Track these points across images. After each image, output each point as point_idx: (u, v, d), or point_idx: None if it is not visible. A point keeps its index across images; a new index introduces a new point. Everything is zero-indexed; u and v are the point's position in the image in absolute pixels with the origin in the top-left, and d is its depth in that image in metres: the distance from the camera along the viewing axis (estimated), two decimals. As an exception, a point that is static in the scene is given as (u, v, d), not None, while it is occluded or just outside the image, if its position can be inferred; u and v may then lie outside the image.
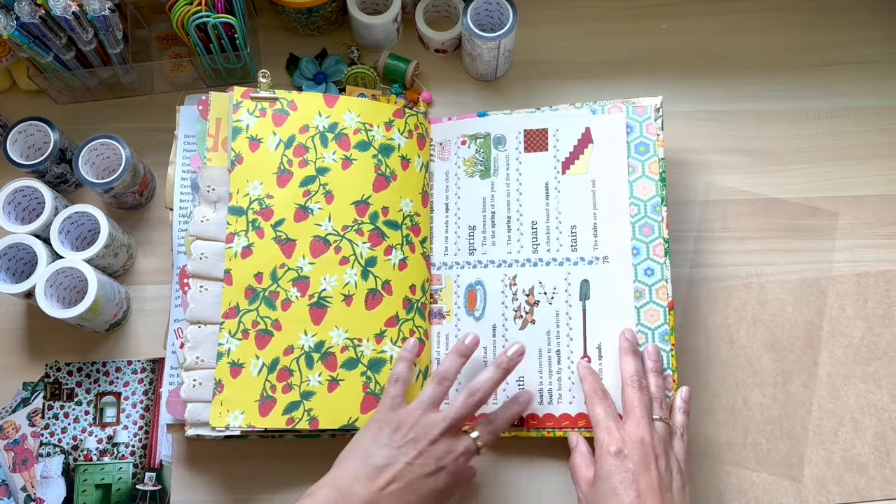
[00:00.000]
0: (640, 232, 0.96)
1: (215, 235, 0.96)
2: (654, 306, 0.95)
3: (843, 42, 1.14)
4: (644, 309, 0.95)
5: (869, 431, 0.98)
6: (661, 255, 0.95)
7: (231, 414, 0.91)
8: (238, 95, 0.99)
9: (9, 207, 0.98)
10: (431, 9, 1.13)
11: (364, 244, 0.98)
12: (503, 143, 1.02)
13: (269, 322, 0.94)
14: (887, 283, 1.04)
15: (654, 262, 0.95)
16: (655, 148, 0.98)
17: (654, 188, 0.97)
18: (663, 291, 0.95)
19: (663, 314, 0.94)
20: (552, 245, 0.98)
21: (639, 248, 0.96)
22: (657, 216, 0.96)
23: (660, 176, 0.97)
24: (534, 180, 1.00)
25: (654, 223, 0.96)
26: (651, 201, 0.97)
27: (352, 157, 1.00)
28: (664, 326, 0.94)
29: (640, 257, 0.96)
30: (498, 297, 0.98)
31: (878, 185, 1.08)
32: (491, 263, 0.99)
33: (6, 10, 0.96)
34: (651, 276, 0.95)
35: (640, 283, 0.95)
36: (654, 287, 0.95)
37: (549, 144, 1.01)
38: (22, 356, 1.02)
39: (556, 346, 0.96)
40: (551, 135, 1.01)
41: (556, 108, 1.02)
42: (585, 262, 0.97)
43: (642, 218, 0.97)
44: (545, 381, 0.95)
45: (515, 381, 0.96)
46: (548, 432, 0.94)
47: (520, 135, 1.02)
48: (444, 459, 0.85)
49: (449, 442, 0.86)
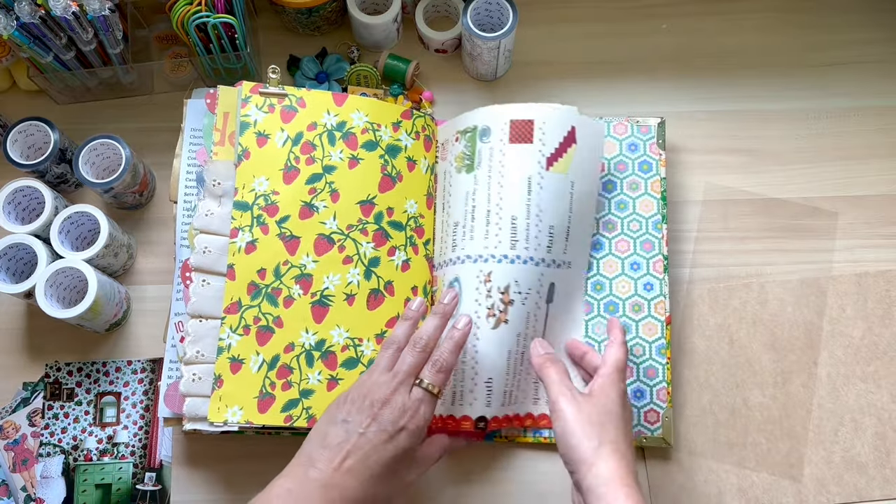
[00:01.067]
0: (641, 248, 0.99)
1: (219, 230, 0.96)
2: (652, 320, 0.97)
3: (843, 42, 1.15)
4: (643, 322, 0.97)
5: (869, 431, 0.98)
6: (661, 271, 0.98)
7: (229, 409, 0.91)
8: (247, 90, 0.99)
9: (9, 207, 0.98)
10: (431, 9, 1.13)
11: (368, 244, 0.98)
12: (488, 134, 0.98)
13: (271, 319, 0.94)
14: (887, 283, 1.04)
15: (653, 278, 0.98)
16: (658, 167, 1.01)
17: (655, 206, 1.00)
18: (661, 307, 0.97)
19: (661, 328, 0.97)
20: (530, 243, 0.94)
21: (639, 263, 0.99)
22: (658, 233, 0.99)
23: (661, 195, 1.00)
24: (516, 173, 0.96)
25: (654, 240, 0.99)
26: (652, 218, 1.00)
27: (359, 156, 1.00)
28: (661, 340, 0.96)
29: (640, 272, 0.98)
30: (472, 294, 0.94)
31: (878, 185, 1.08)
32: (468, 259, 0.96)
33: (6, 10, 0.96)
34: (650, 291, 0.98)
35: (640, 297, 0.98)
36: (652, 302, 0.97)
37: (534, 137, 0.97)
38: (22, 356, 1.02)
39: (522, 348, 0.94)
40: (537, 127, 0.97)
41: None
42: (556, 264, 0.96)
43: (643, 234, 1.00)
44: (510, 382, 0.94)
45: (484, 382, 0.92)
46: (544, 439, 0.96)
47: (506, 125, 0.98)
48: (401, 419, 0.82)
49: (402, 398, 0.83)
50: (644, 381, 0.96)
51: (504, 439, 0.96)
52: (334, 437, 0.81)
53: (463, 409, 0.93)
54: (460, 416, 0.93)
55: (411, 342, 0.87)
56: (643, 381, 0.96)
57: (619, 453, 0.80)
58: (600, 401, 0.84)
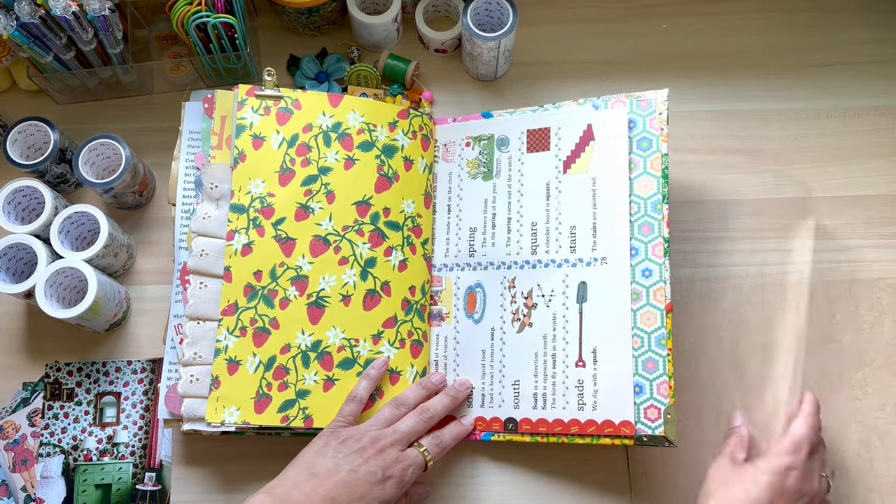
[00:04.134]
0: (640, 231, 0.93)
1: (216, 232, 0.96)
2: (651, 309, 0.92)
3: (843, 42, 1.14)
4: (640, 312, 0.92)
5: (854, 438, 0.98)
6: (661, 255, 0.92)
7: (227, 410, 0.92)
8: (243, 93, 0.99)
9: (9, 207, 0.99)
10: (431, 9, 1.13)
11: (364, 244, 0.98)
12: (506, 144, 1.02)
13: (267, 320, 0.94)
14: (879, 290, 1.03)
15: (652, 263, 0.92)
16: (658, 143, 0.95)
17: (655, 185, 0.94)
18: (661, 293, 0.91)
19: (660, 317, 0.91)
20: (551, 246, 0.97)
21: (637, 248, 0.93)
22: (657, 214, 0.93)
23: (662, 172, 0.94)
24: (535, 181, 0.99)
25: (654, 222, 0.93)
26: (652, 199, 0.94)
27: (354, 157, 1.00)
28: (661, 330, 0.91)
29: (638, 258, 0.93)
30: (497, 300, 0.98)
31: (878, 185, 1.08)
32: (490, 265, 0.99)
33: (6, 10, 0.96)
34: (649, 278, 0.92)
35: (638, 285, 0.92)
36: (651, 288, 0.92)
37: (550, 144, 1.00)
38: (22, 356, 1.03)
39: (551, 349, 0.94)
40: (553, 133, 1.00)
41: (558, 104, 1.01)
42: (584, 263, 0.95)
43: (642, 216, 0.94)
44: (539, 385, 0.94)
45: (511, 384, 0.95)
46: (541, 438, 0.93)
47: (523, 135, 1.01)
48: (391, 468, 0.86)
49: (396, 453, 0.88)
50: (643, 374, 0.91)
51: (502, 439, 0.96)
52: (323, 467, 0.84)
53: (493, 410, 0.95)
54: (490, 417, 0.95)
55: (420, 409, 0.92)
56: (642, 374, 0.91)
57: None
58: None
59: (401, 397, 0.93)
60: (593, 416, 0.91)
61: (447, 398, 0.94)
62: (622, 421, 0.89)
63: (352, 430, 0.89)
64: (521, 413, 0.94)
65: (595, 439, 0.91)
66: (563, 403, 0.93)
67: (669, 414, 0.89)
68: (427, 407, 0.93)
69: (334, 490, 0.83)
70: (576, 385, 0.92)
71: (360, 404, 0.92)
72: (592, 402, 0.91)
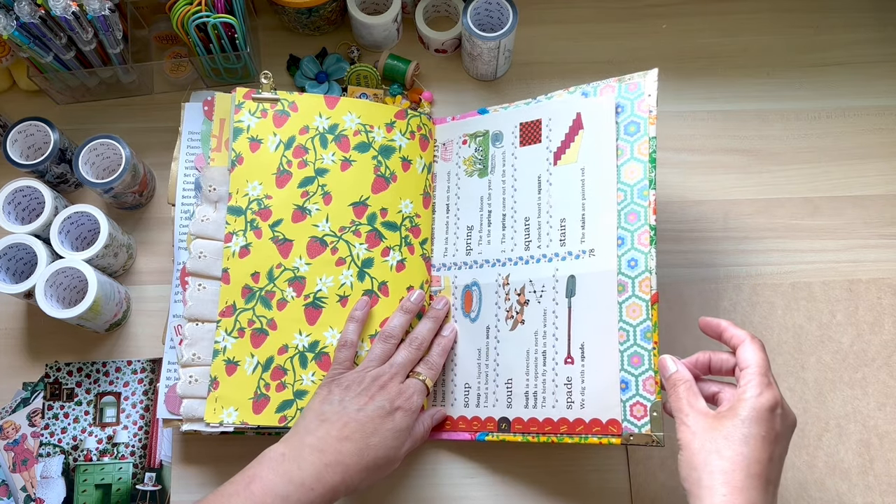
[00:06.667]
0: (626, 220, 0.90)
1: (214, 234, 0.97)
2: (636, 300, 0.87)
3: (843, 42, 1.14)
4: (626, 304, 0.88)
5: (853, 438, 0.98)
6: (647, 243, 0.88)
7: (225, 411, 0.92)
8: (240, 96, 1.00)
9: (9, 207, 0.99)
10: (431, 9, 1.13)
11: (361, 245, 0.98)
12: (500, 139, 1.01)
13: (265, 321, 0.95)
14: (879, 290, 1.03)
15: (638, 252, 0.88)
16: (646, 126, 0.91)
17: (642, 170, 0.90)
18: (647, 284, 0.87)
19: (646, 309, 0.87)
20: (542, 241, 0.95)
21: (623, 237, 0.89)
22: (644, 201, 0.89)
23: (649, 157, 0.90)
24: (527, 175, 0.98)
25: (640, 209, 0.89)
26: (638, 185, 0.90)
27: (351, 158, 1.00)
28: (647, 322, 0.87)
29: (624, 247, 0.89)
30: (492, 298, 0.97)
31: (878, 185, 1.08)
32: (486, 263, 0.99)
33: (6, 10, 0.96)
34: (634, 268, 0.88)
35: (623, 276, 0.88)
36: (637, 279, 0.88)
37: (542, 136, 0.98)
38: (22, 356, 1.03)
39: (542, 346, 0.92)
40: (544, 125, 0.98)
41: (550, 95, 0.99)
42: (573, 256, 0.92)
43: (629, 204, 0.90)
44: (531, 383, 0.92)
45: (504, 383, 0.94)
46: (532, 437, 0.91)
47: (516, 129, 1.00)
48: (397, 400, 0.89)
49: (398, 385, 0.91)
50: (629, 370, 0.87)
51: (496, 439, 0.95)
52: (332, 412, 0.87)
53: (487, 410, 0.95)
54: (485, 417, 0.95)
55: (408, 340, 0.95)
56: (628, 370, 0.87)
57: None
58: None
59: (388, 329, 0.95)
60: (581, 414, 0.89)
61: (430, 321, 0.97)
62: (609, 419, 0.87)
63: (351, 374, 0.91)
64: (514, 412, 0.93)
65: (583, 438, 0.88)
66: (553, 402, 0.91)
67: (655, 411, 0.85)
68: (415, 336, 0.95)
69: (346, 429, 0.85)
70: (565, 382, 0.90)
71: (352, 348, 0.93)
72: (580, 400, 0.89)
